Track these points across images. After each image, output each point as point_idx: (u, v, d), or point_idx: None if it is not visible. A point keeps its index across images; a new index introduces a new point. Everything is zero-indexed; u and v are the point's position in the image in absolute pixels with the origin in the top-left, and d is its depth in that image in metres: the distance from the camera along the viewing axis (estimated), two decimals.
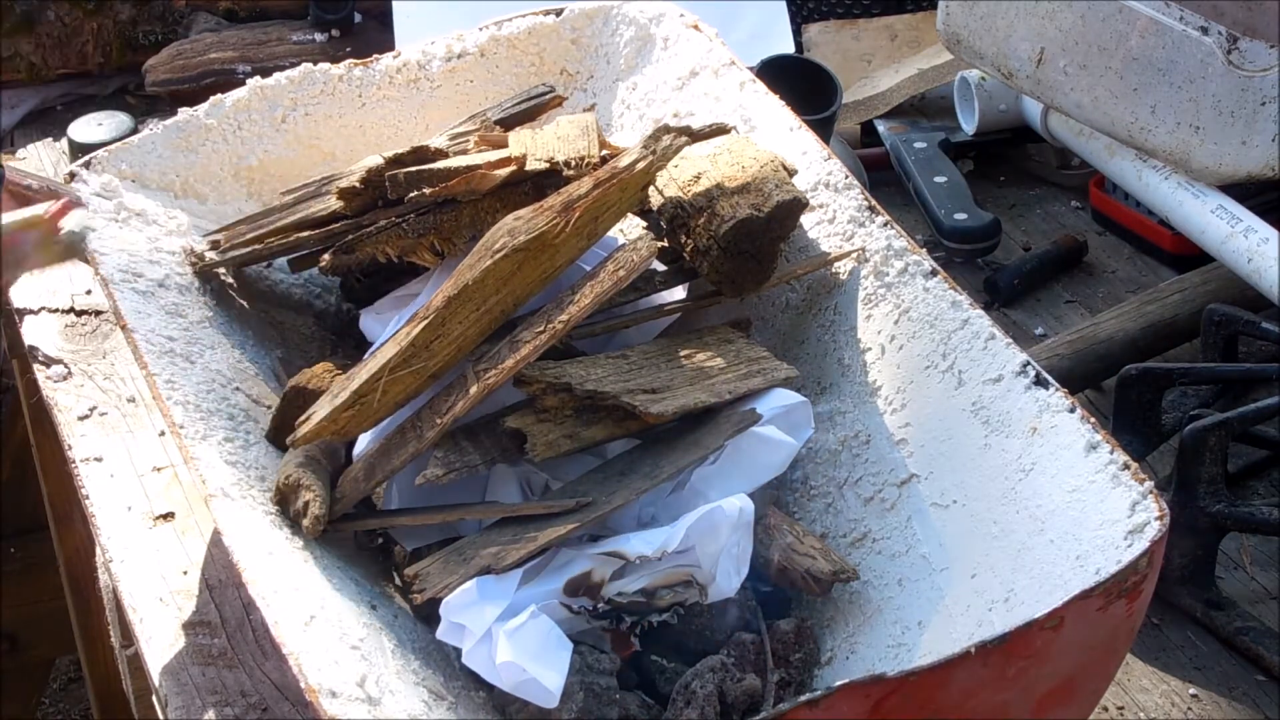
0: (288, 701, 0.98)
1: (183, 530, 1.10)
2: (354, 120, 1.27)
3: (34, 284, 1.33)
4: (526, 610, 0.91)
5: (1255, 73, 1.25)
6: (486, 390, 0.95)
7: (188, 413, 0.98)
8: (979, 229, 1.44)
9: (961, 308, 1.02)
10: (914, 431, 1.01)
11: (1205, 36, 1.26)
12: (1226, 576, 1.13)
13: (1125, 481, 0.88)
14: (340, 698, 0.81)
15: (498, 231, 1.00)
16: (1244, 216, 1.28)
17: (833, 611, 1.00)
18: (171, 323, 1.06)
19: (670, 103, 1.25)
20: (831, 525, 1.03)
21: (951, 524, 0.97)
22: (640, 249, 1.02)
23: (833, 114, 1.47)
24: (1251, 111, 1.26)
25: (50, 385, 1.23)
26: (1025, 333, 1.36)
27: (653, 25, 1.29)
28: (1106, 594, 0.81)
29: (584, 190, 1.01)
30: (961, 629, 0.91)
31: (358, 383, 0.97)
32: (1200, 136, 1.28)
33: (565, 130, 1.13)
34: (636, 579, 0.93)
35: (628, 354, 1.02)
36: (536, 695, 0.89)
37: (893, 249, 1.07)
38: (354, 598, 0.93)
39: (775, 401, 1.01)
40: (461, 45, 1.30)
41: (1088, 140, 1.42)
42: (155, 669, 1.01)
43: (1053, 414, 0.94)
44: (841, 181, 1.12)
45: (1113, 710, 1.03)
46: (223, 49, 1.67)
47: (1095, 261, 1.45)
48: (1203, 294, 1.31)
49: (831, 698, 0.76)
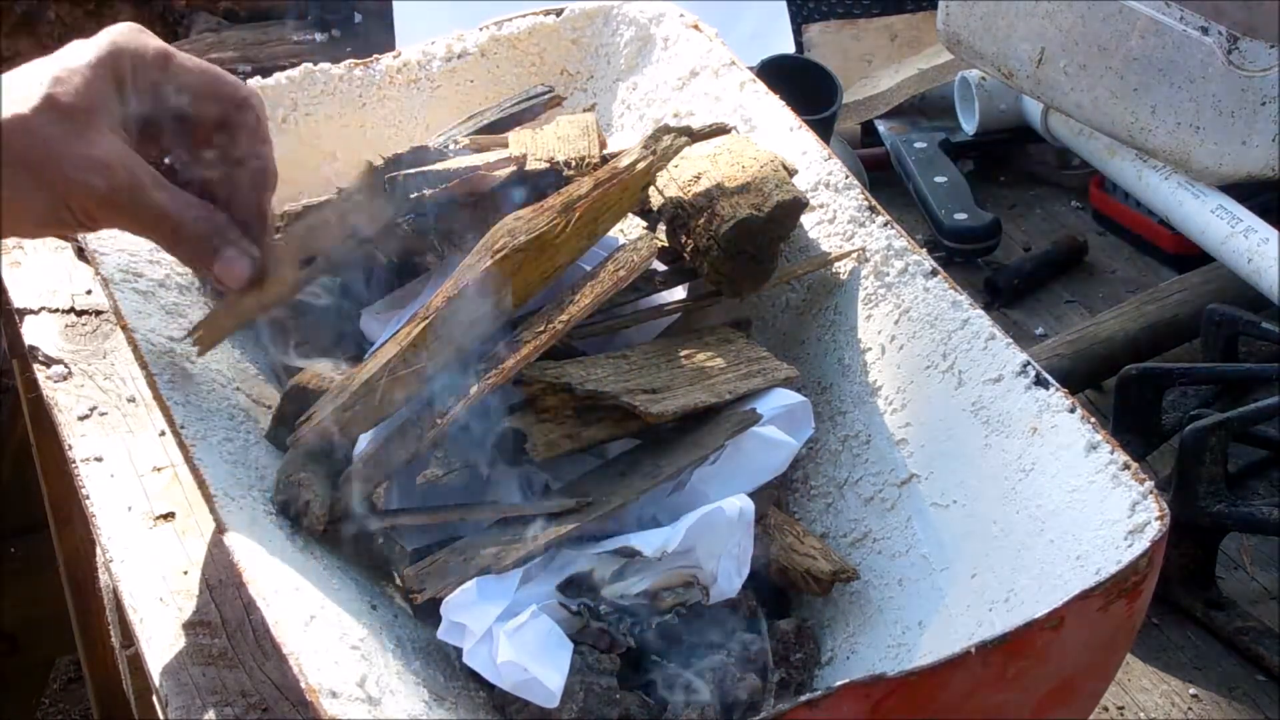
0: (288, 701, 0.98)
1: (183, 530, 1.09)
2: (354, 120, 1.27)
3: (34, 284, 1.33)
4: (527, 610, 0.91)
5: (1255, 73, 1.25)
6: (486, 390, 0.95)
7: (188, 413, 0.98)
8: (979, 229, 1.44)
9: (962, 308, 1.02)
10: (914, 431, 1.01)
11: (1205, 36, 1.26)
12: (1226, 576, 1.13)
13: (1125, 481, 0.88)
14: (340, 698, 0.81)
15: (498, 231, 1.00)
16: (1244, 216, 1.28)
17: (833, 611, 1.00)
18: (171, 323, 1.06)
19: (670, 103, 1.25)
20: (831, 525, 1.03)
21: (952, 524, 0.97)
22: (640, 249, 1.02)
23: (833, 114, 1.47)
24: (1251, 111, 1.26)
25: (50, 385, 1.23)
26: (1025, 333, 1.36)
27: (653, 25, 1.29)
28: (1107, 594, 0.81)
29: (584, 190, 1.01)
30: (961, 629, 0.91)
31: (358, 383, 0.97)
32: (1200, 136, 1.28)
33: (565, 130, 1.13)
34: (639, 581, 0.93)
35: (628, 354, 1.02)
36: (537, 695, 0.89)
37: (893, 249, 1.07)
38: (354, 598, 0.93)
39: (775, 401, 1.01)
40: (462, 45, 1.30)
41: (1088, 140, 1.42)
42: (155, 669, 1.01)
43: (1053, 414, 0.94)
44: (841, 181, 1.12)
45: (1113, 710, 1.03)
46: (223, 49, 1.68)
47: (1095, 261, 1.45)
48: (1203, 294, 1.30)
49: (831, 698, 0.76)
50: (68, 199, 0.87)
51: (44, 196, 0.87)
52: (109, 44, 0.91)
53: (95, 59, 0.90)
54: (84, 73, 0.88)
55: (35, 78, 0.88)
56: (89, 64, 0.89)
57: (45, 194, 0.87)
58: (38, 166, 0.86)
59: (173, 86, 0.93)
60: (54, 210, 0.87)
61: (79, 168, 0.86)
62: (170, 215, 0.91)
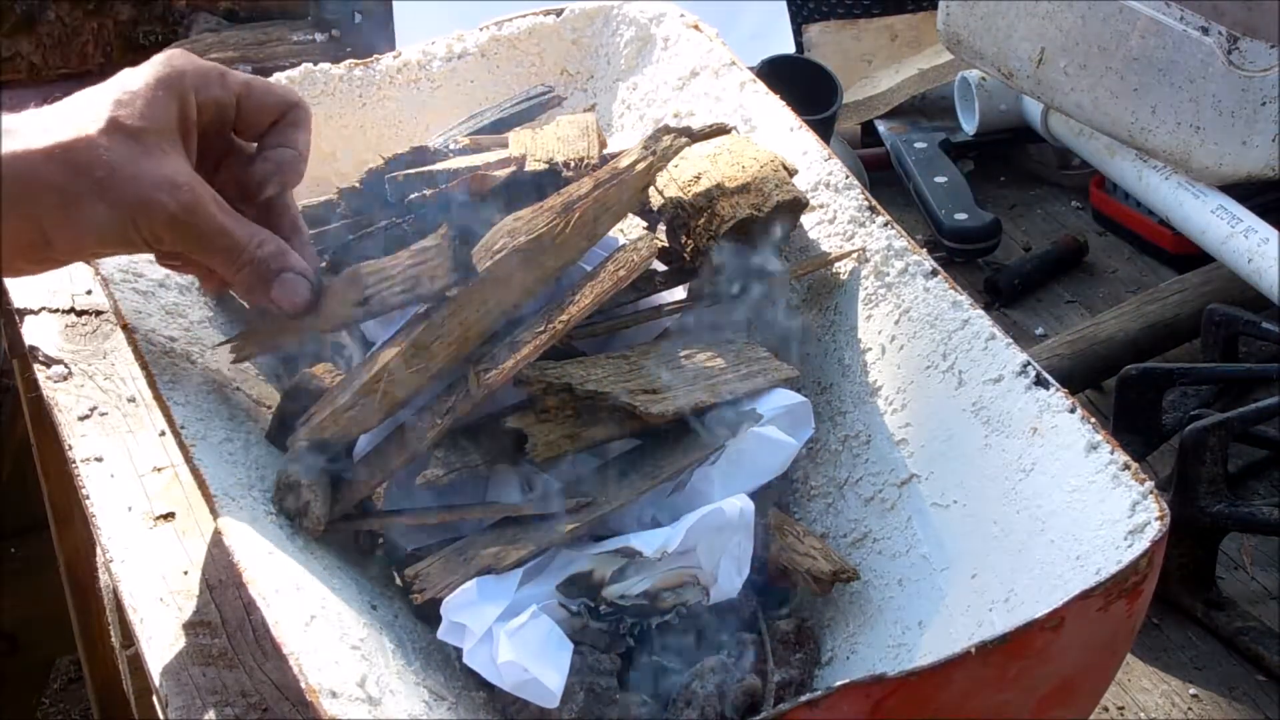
0: (288, 701, 0.98)
1: (183, 530, 1.10)
2: (354, 120, 1.27)
3: (34, 284, 1.33)
4: (527, 610, 0.91)
5: (1255, 73, 1.25)
6: (487, 390, 0.95)
7: (188, 413, 0.98)
8: (979, 229, 1.44)
9: (962, 308, 1.02)
10: (914, 431, 1.01)
11: (1205, 36, 1.26)
12: (1226, 576, 1.13)
13: (1125, 481, 0.88)
14: (340, 698, 0.81)
15: (497, 232, 1.00)
16: (1244, 216, 1.28)
17: (833, 611, 1.00)
18: (171, 323, 1.06)
19: (670, 103, 1.25)
20: (832, 525, 1.03)
21: (952, 524, 0.97)
22: (640, 249, 1.02)
23: (833, 114, 1.47)
24: (1252, 111, 1.26)
25: (50, 385, 1.23)
26: (1025, 333, 1.36)
27: (653, 25, 1.29)
28: (1107, 594, 0.81)
29: (584, 191, 1.01)
30: (961, 629, 0.91)
31: (358, 383, 0.97)
32: (1200, 136, 1.28)
33: (565, 131, 1.13)
34: (639, 581, 0.93)
35: (628, 354, 1.02)
36: (537, 695, 0.89)
37: (893, 249, 1.07)
38: (354, 598, 0.93)
39: (776, 401, 1.01)
40: (462, 45, 1.30)
41: (1088, 140, 1.42)
42: (155, 669, 1.01)
43: (1053, 414, 0.94)
44: (842, 181, 1.12)
45: (1113, 710, 1.03)
46: (223, 49, 1.68)
47: (1095, 261, 1.45)
48: (1203, 294, 1.31)
49: (831, 698, 0.76)
50: (136, 218, 0.87)
51: (113, 215, 0.86)
52: (167, 66, 0.91)
53: (155, 80, 0.89)
54: (146, 95, 0.88)
55: (96, 101, 0.88)
56: (150, 85, 0.89)
57: (115, 213, 0.86)
58: (106, 185, 0.85)
59: (232, 101, 0.92)
60: (121, 229, 0.87)
61: (148, 187, 0.86)
62: (235, 237, 0.90)
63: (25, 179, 0.85)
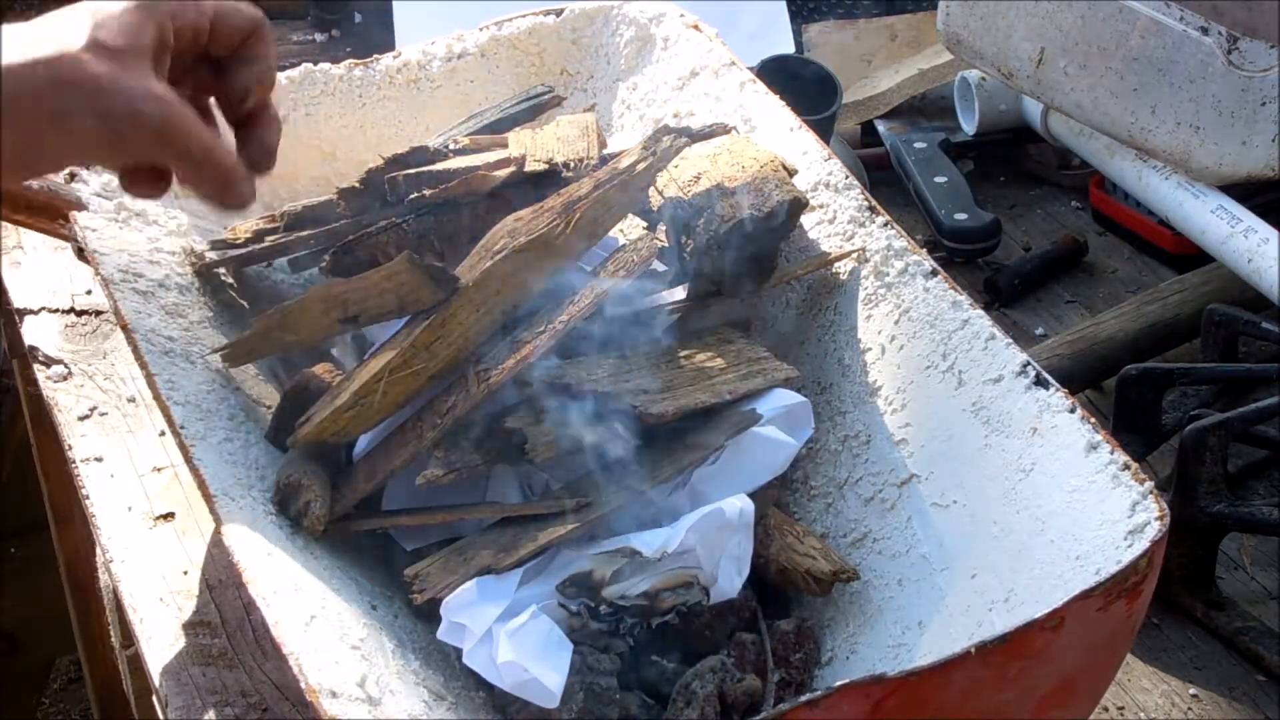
0: (288, 701, 0.98)
1: (183, 530, 1.10)
2: (354, 120, 1.27)
3: (34, 284, 1.33)
4: (527, 610, 0.91)
5: (1255, 73, 1.25)
6: (487, 390, 0.95)
7: (188, 413, 0.98)
8: (979, 229, 1.44)
9: (962, 308, 1.02)
10: (914, 431, 1.01)
11: (1205, 36, 1.26)
12: (1226, 576, 1.13)
13: (1125, 481, 0.88)
14: (340, 698, 0.81)
15: (498, 232, 1.00)
16: (1244, 216, 1.28)
17: (833, 611, 1.00)
18: (171, 323, 1.06)
19: (670, 103, 1.25)
20: (831, 525, 1.03)
21: (952, 524, 0.97)
22: (640, 249, 1.02)
23: (833, 114, 1.47)
24: (1251, 111, 1.26)
25: (50, 385, 1.23)
26: (1025, 333, 1.36)
27: (653, 25, 1.29)
28: (1107, 594, 0.81)
29: (584, 191, 1.01)
30: (961, 629, 0.91)
31: (358, 383, 0.97)
32: (1200, 136, 1.28)
33: (565, 131, 1.13)
34: (639, 581, 0.93)
35: (628, 354, 1.02)
36: (537, 695, 0.89)
37: (893, 249, 1.07)
38: (354, 598, 0.93)
39: (775, 401, 1.01)
40: (461, 45, 1.30)
41: (1088, 140, 1.42)
42: (155, 669, 1.01)
43: (1053, 414, 0.94)
44: (841, 181, 1.12)
45: (1113, 710, 1.03)
46: None
47: (1095, 261, 1.45)
48: (1203, 294, 1.31)
49: (831, 698, 0.76)
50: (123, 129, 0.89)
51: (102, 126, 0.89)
52: None
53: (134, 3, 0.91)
54: (122, 17, 0.90)
55: (74, 21, 0.90)
56: (127, 9, 0.91)
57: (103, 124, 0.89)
58: (95, 98, 0.87)
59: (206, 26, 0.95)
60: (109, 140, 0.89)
61: (134, 98, 0.88)
62: (211, 146, 0.93)
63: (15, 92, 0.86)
